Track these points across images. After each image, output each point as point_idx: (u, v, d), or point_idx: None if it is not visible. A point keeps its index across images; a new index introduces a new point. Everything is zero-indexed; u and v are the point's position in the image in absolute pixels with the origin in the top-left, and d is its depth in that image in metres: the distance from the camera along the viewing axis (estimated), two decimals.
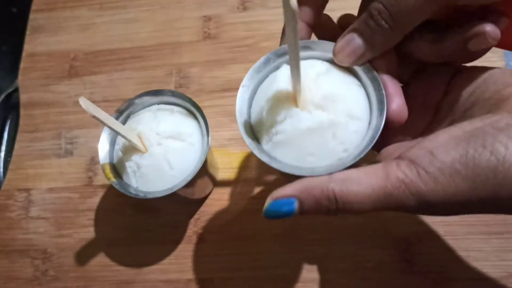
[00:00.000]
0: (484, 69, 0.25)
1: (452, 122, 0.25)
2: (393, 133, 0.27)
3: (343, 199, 0.21)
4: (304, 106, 0.24)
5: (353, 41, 0.24)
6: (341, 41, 0.24)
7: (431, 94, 0.27)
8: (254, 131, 0.26)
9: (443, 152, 0.20)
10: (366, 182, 0.21)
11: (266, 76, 0.28)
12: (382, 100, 0.24)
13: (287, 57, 0.27)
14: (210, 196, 0.41)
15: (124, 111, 0.35)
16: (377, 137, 0.23)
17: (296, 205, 0.22)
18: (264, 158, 0.24)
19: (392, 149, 0.27)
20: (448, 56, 0.25)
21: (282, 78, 0.25)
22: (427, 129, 0.27)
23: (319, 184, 0.21)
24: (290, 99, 0.25)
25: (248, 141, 0.25)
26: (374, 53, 0.24)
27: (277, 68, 0.27)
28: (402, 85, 0.27)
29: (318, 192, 0.21)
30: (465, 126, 0.21)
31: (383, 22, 0.23)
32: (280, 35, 0.46)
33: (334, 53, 0.25)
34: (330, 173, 0.22)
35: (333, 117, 0.24)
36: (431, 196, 0.20)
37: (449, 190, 0.20)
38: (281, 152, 0.24)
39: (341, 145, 0.24)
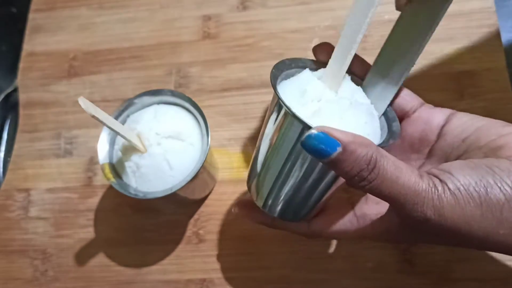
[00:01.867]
0: (475, 117, 0.26)
1: None
2: None
3: (381, 172, 0.21)
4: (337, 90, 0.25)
5: None
6: None
7: (423, 136, 0.27)
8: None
9: (461, 174, 0.21)
10: (406, 171, 0.21)
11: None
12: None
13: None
14: (210, 196, 0.41)
15: (123, 111, 0.35)
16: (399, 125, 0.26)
17: (338, 150, 0.21)
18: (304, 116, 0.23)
19: None
20: None
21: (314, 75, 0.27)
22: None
23: (367, 146, 0.21)
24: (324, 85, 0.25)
25: (287, 102, 0.23)
26: None
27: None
28: None
29: (363, 152, 0.21)
30: (474, 161, 0.22)
31: None
32: (280, 34, 0.46)
33: None
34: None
35: (368, 101, 0.26)
36: (449, 212, 0.21)
37: (465, 211, 0.21)
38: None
39: (370, 127, 0.25)
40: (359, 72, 0.28)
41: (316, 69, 0.27)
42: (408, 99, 0.28)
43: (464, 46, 0.42)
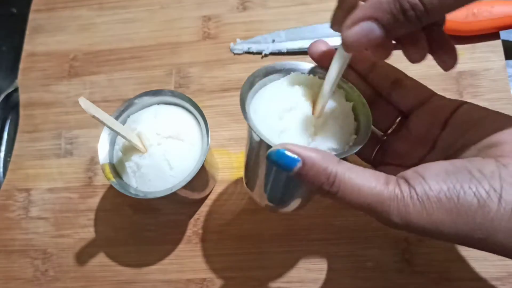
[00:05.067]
0: (479, 109, 0.26)
1: (445, 159, 0.26)
2: (389, 162, 0.29)
3: (342, 185, 0.22)
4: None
5: (372, 31, 0.22)
6: (357, 29, 0.22)
7: (429, 129, 0.27)
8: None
9: (433, 180, 0.21)
10: (368, 182, 0.22)
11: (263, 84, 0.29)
12: (367, 114, 0.28)
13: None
14: (210, 196, 0.41)
15: (123, 111, 0.35)
16: (370, 128, 0.27)
17: (297, 165, 0.22)
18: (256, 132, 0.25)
19: (388, 171, 0.28)
20: None
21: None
22: (422, 162, 0.28)
23: (328, 161, 0.22)
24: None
25: (245, 115, 0.26)
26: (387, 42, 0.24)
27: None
28: (400, 118, 0.30)
29: (322, 168, 0.22)
30: (457, 162, 0.22)
31: (415, 18, 0.21)
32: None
33: (345, 40, 0.23)
34: (341, 158, 0.23)
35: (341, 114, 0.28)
36: (416, 218, 0.21)
37: (433, 217, 0.21)
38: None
39: (339, 139, 0.27)
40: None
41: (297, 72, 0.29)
42: (417, 91, 0.28)
43: (464, 46, 0.42)
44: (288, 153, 0.22)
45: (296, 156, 0.22)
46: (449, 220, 0.21)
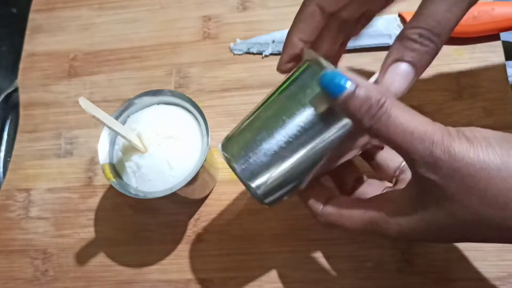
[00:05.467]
0: None
1: None
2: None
3: (388, 107, 0.21)
4: None
5: (400, 69, 0.24)
6: (388, 73, 0.24)
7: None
8: None
9: (480, 131, 0.21)
10: (415, 113, 0.22)
11: None
12: None
13: None
14: (210, 196, 0.41)
15: (123, 111, 0.35)
16: None
17: (351, 87, 0.21)
18: None
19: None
20: None
21: None
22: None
23: (380, 90, 0.22)
24: None
25: None
26: (419, 74, 0.24)
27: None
28: None
29: (375, 93, 0.22)
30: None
31: (429, 43, 0.23)
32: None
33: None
34: None
35: None
36: (462, 153, 0.20)
37: (481, 156, 0.20)
38: None
39: None
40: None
41: None
42: None
43: (464, 46, 0.42)
44: (342, 74, 0.22)
45: (349, 79, 0.22)
46: (498, 162, 0.20)
